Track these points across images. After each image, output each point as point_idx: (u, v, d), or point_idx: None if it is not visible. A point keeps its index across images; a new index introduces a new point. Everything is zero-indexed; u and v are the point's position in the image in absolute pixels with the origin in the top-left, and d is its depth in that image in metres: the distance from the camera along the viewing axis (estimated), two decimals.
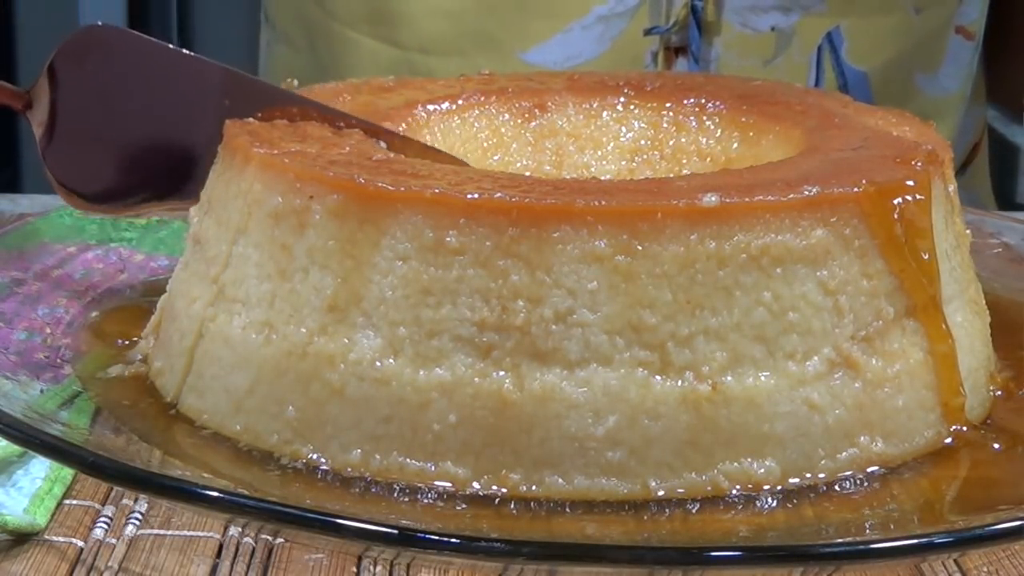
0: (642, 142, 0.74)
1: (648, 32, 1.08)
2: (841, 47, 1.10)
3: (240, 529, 0.62)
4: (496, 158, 0.72)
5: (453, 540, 0.51)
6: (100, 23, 0.72)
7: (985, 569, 0.61)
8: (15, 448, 0.64)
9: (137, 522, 0.63)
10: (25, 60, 2.09)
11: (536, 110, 0.74)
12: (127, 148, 0.72)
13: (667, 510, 0.57)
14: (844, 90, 1.09)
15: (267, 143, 0.63)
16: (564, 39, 1.08)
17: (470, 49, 1.09)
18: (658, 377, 0.58)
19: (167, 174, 0.71)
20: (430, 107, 0.72)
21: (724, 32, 1.08)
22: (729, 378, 0.58)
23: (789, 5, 1.08)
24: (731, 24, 1.08)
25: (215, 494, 0.53)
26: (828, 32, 1.09)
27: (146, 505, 0.64)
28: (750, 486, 0.58)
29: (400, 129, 0.69)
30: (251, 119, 0.67)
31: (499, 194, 0.58)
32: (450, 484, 0.58)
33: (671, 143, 0.74)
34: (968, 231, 0.68)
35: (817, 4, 1.08)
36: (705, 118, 0.73)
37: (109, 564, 0.60)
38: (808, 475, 0.59)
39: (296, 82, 0.73)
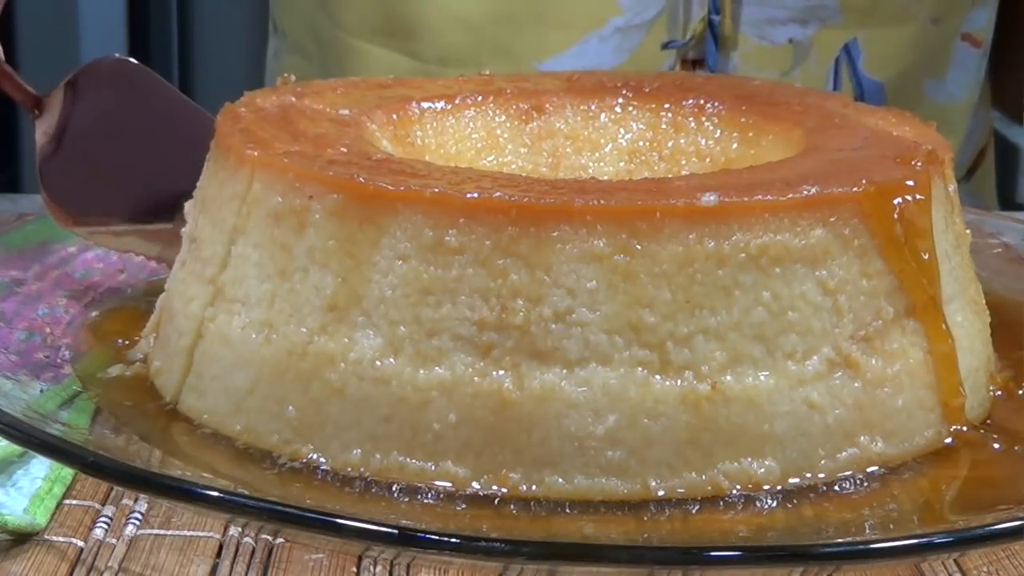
0: (640, 143, 0.74)
1: (665, 46, 1.07)
2: (858, 58, 1.09)
3: (240, 529, 0.62)
4: (490, 159, 0.72)
5: (453, 540, 0.51)
6: (134, 60, 0.76)
7: (985, 569, 0.61)
8: (15, 448, 0.64)
9: (137, 522, 0.63)
10: (25, 52, 2.09)
11: (534, 112, 0.74)
12: (121, 176, 0.74)
13: (667, 510, 0.57)
14: (860, 99, 1.09)
15: (260, 144, 0.63)
16: (581, 50, 1.08)
17: (488, 60, 1.08)
18: (658, 377, 0.57)
19: (152, 209, 0.74)
20: (424, 104, 0.71)
21: (741, 45, 1.08)
22: (729, 378, 0.58)
23: (806, 17, 1.08)
24: (748, 37, 1.08)
25: (215, 494, 0.53)
26: (846, 44, 1.09)
27: (146, 505, 0.64)
28: (750, 486, 0.58)
29: (391, 120, 0.69)
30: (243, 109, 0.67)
31: (498, 193, 0.58)
32: (450, 484, 0.58)
33: (670, 144, 0.73)
34: (968, 231, 0.67)
35: (834, 16, 1.08)
36: (704, 119, 0.73)
37: (109, 564, 0.60)
38: (808, 475, 0.59)
39: (293, 77, 0.73)
